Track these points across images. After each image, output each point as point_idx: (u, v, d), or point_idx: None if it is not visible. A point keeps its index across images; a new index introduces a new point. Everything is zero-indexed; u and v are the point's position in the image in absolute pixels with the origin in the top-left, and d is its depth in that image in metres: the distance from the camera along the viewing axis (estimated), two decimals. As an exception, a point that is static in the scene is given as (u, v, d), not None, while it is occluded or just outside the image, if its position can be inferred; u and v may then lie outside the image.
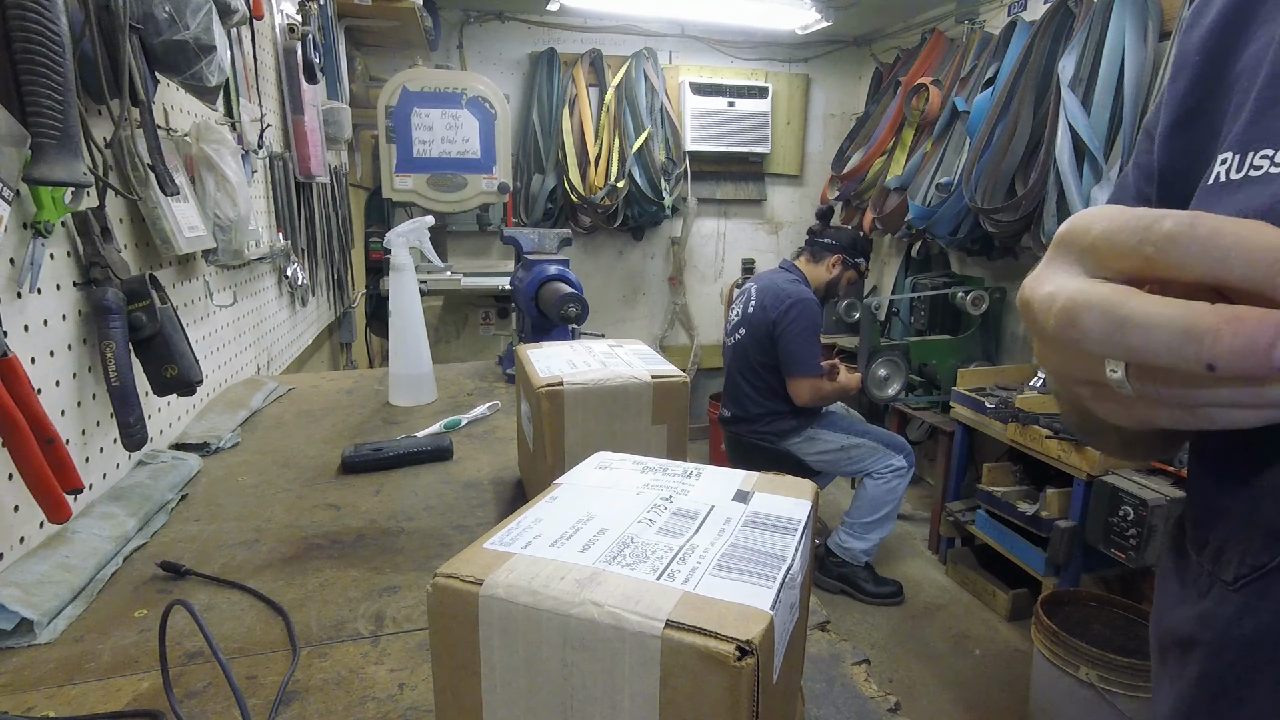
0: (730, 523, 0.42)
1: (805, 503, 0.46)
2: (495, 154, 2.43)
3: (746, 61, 4.07)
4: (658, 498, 0.46)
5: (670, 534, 0.41)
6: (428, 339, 1.33)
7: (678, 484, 0.49)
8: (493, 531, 0.41)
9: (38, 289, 0.76)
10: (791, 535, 0.41)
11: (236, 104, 1.46)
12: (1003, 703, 2.20)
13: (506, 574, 0.36)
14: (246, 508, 0.90)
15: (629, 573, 0.36)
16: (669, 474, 0.51)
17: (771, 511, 0.44)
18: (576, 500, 0.46)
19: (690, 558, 0.38)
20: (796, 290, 2.53)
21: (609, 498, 0.46)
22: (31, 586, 0.66)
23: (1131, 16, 2.27)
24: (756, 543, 0.40)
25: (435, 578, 0.37)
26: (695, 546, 0.39)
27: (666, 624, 0.32)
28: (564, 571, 0.36)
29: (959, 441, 2.82)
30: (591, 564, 0.37)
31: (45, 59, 0.64)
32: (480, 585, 0.35)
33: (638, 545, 0.39)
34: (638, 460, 0.54)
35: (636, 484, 0.49)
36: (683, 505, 0.45)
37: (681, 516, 0.43)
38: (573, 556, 0.38)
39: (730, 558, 0.38)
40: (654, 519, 0.43)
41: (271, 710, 0.54)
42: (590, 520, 0.42)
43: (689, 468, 0.52)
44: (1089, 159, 2.31)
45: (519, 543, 0.39)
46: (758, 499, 0.46)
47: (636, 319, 4.30)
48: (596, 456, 0.55)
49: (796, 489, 0.48)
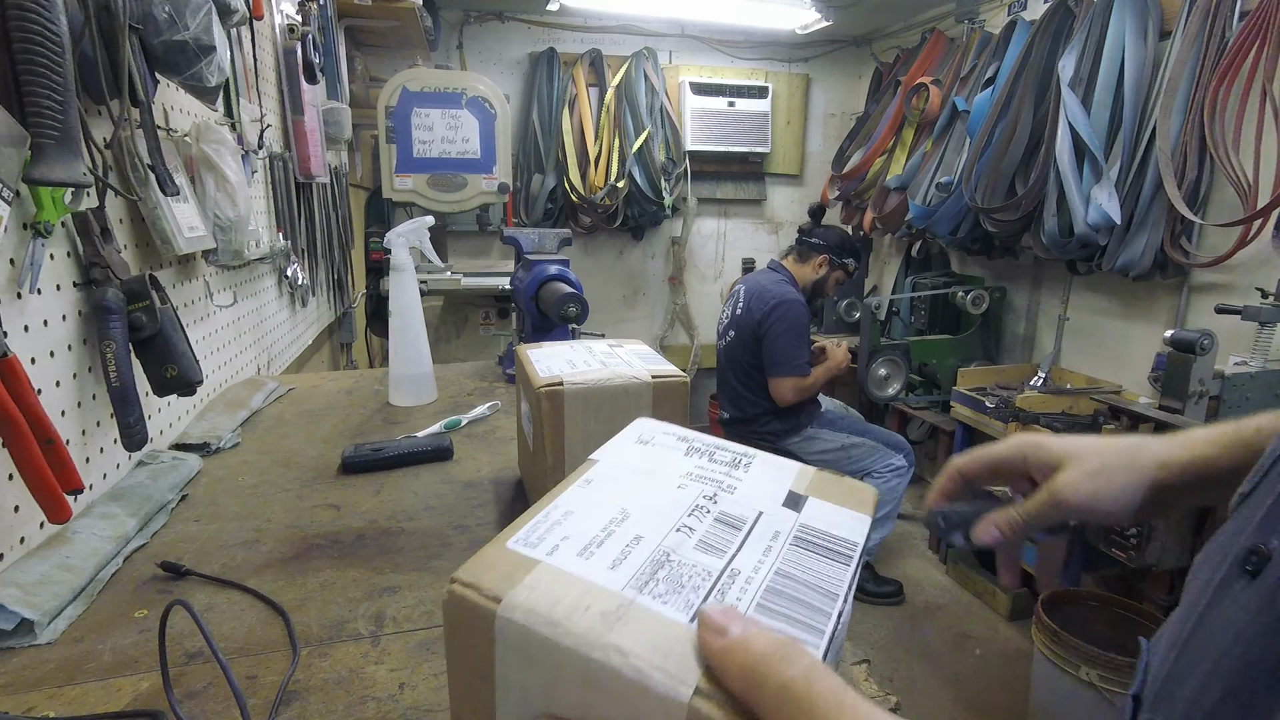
0: (778, 538, 0.38)
1: (863, 519, 0.41)
2: (495, 154, 2.43)
3: (746, 61, 4.07)
4: (701, 495, 0.42)
5: (711, 550, 0.37)
6: (428, 339, 1.32)
7: (724, 476, 0.44)
8: (518, 524, 0.38)
9: (38, 289, 0.76)
10: (846, 565, 0.37)
11: (236, 104, 1.46)
12: (1003, 702, 2.20)
13: (527, 593, 0.33)
14: (246, 508, 0.90)
15: (661, 608, 0.32)
16: (716, 460, 0.46)
17: (826, 529, 0.40)
18: (612, 489, 0.42)
19: (730, 589, 0.34)
20: (782, 291, 2.54)
21: (648, 489, 0.42)
22: (32, 587, 0.66)
23: (1131, 16, 2.27)
24: (806, 571, 0.36)
25: (453, 584, 0.35)
26: (737, 572, 0.35)
27: (695, 691, 0.29)
28: (589, 599, 0.33)
29: (959, 441, 2.82)
30: (620, 589, 0.33)
31: (45, 59, 0.64)
32: (498, 604, 0.33)
33: (674, 565, 0.35)
34: (682, 436, 0.49)
35: (679, 470, 0.45)
36: (727, 508, 0.41)
37: (725, 525, 0.39)
38: (601, 575, 0.34)
39: (775, 594, 0.34)
40: (694, 526, 0.39)
41: (271, 710, 0.54)
42: (625, 520, 0.39)
43: (738, 453, 0.47)
44: (1089, 158, 2.31)
45: (545, 544, 0.36)
46: (812, 507, 0.42)
47: (636, 319, 4.30)
48: (638, 425, 0.51)
49: (855, 497, 0.43)
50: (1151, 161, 2.17)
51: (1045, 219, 2.44)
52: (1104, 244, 2.31)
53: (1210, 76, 1.99)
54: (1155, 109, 2.16)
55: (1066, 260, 2.52)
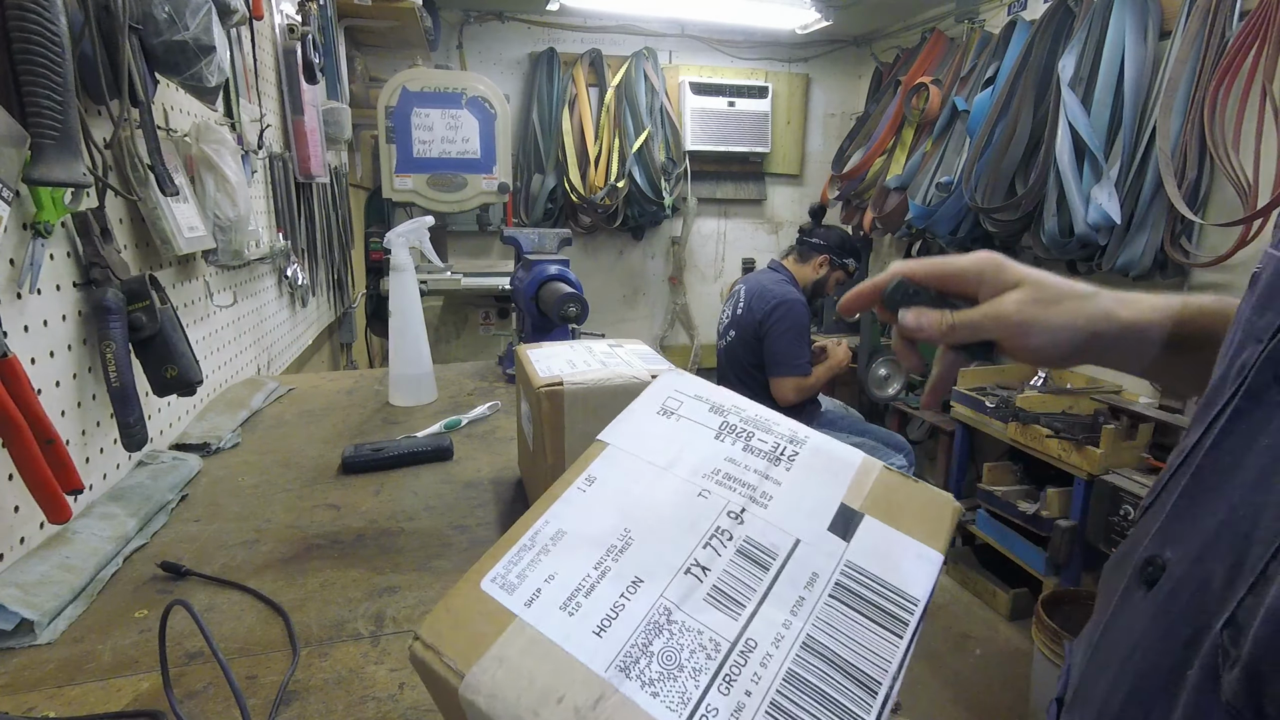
0: (815, 586, 0.30)
1: (932, 557, 0.32)
2: (495, 154, 2.43)
3: (746, 61, 4.07)
4: (725, 510, 0.34)
5: (725, 605, 0.30)
6: (428, 339, 1.32)
7: (758, 479, 0.35)
8: (501, 547, 0.33)
9: (38, 289, 0.76)
10: (899, 633, 0.29)
11: (236, 104, 1.46)
12: (1003, 702, 2.20)
13: (494, 670, 0.28)
14: (246, 508, 0.90)
15: (648, 705, 0.26)
16: (751, 450, 0.37)
17: (879, 573, 0.31)
18: (617, 494, 0.35)
19: (740, 675, 0.27)
20: (783, 291, 2.54)
21: (660, 497, 0.35)
22: (32, 587, 0.66)
23: (1131, 15, 2.27)
24: (844, 642, 0.28)
25: (415, 641, 0.30)
26: (753, 646, 0.28)
27: None
28: (564, 683, 0.27)
29: (959, 441, 2.82)
30: (604, 671, 0.27)
31: (45, 59, 0.64)
32: (460, 680, 0.28)
33: (674, 632, 0.29)
34: (715, 405, 0.40)
35: (704, 465, 0.36)
36: (755, 533, 0.33)
37: (749, 561, 0.31)
38: (583, 643, 0.28)
39: (797, 686, 0.27)
40: (709, 564, 0.31)
41: (271, 710, 0.54)
42: (625, 551, 0.32)
43: (781, 438, 0.37)
44: (1089, 158, 2.31)
45: (525, 586, 0.31)
46: (867, 533, 0.33)
47: (636, 319, 4.30)
48: (665, 384, 0.42)
49: (927, 514, 0.34)
50: (1151, 161, 2.17)
51: (1045, 219, 2.44)
52: (1104, 244, 2.31)
53: (1210, 76, 1.99)
54: (1155, 109, 2.16)
55: (1066, 260, 2.52)
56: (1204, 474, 0.36)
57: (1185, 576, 0.34)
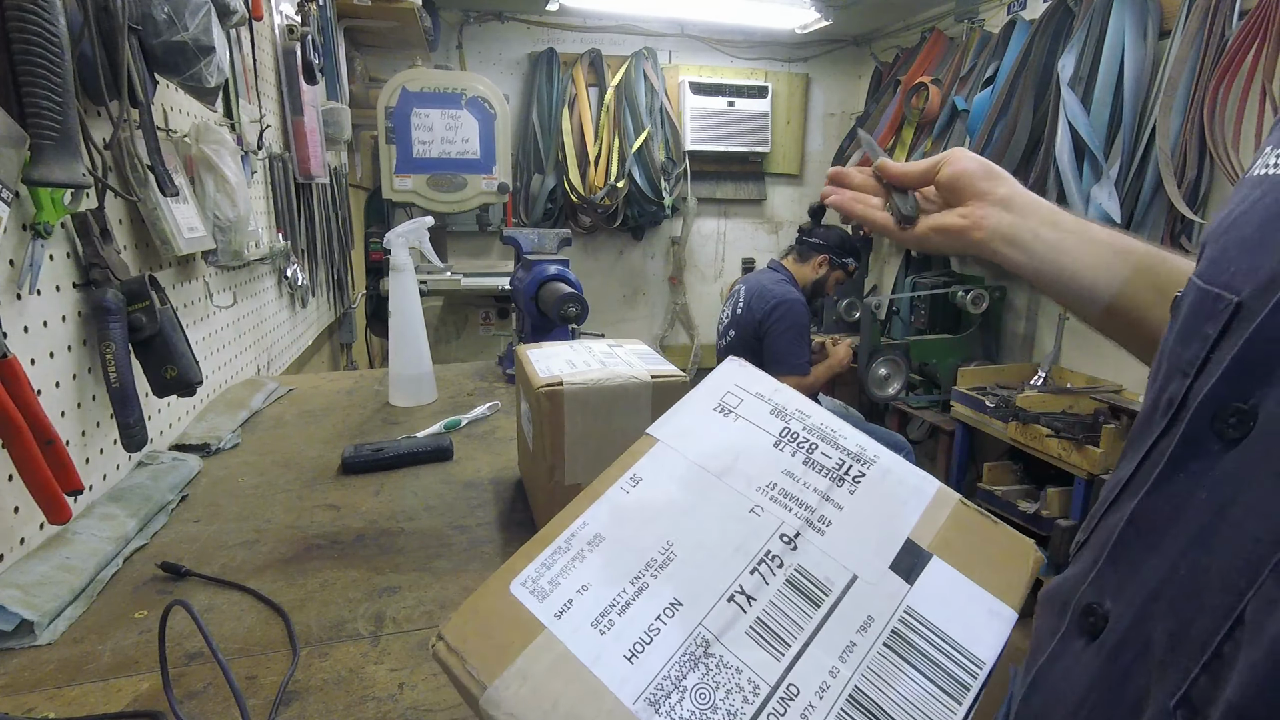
0: (869, 631, 0.27)
1: (1005, 614, 0.29)
2: (495, 154, 2.43)
3: (746, 61, 4.07)
4: (778, 532, 0.30)
5: (768, 642, 0.27)
6: (428, 339, 1.32)
7: (818, 500, 0.32)
8: (535, 546, 0.31)
9: (37, 290, 0.76)
10: (960, 697, 0.26)
11: (236, 105, 1.46)
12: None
13: (517, 685, 0.26)
14: (246, 508, 0.90)
15: None
16: (813, 466, 0.33)
17: (942, 625, 0.28)
18: (661, 503, 0.32)
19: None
20: (782, 291, 2.54)
21: (708, 510, 0.31)
22: (31, 587, 0.66)
23: (1131, 15, 2.27)
24: (896, 699, 0.25)
25: (438, 642, 0.29)
26: (795, 693, 0.25)
27: None
28: (590, 711, 0.25)
29: (959, 440, 2.82)
30: (632, 703, 0.25)
31: (44, 60, 0.64)
32: (483, 692, 0.26)
33: (711, 667, 0.26)
34: (778, 408, 0.36)
35: (759, 478, 0.33)
36: (809, 563, 0.29)
37: (799, 594, 0.28)
38: (613, 669, 0.26)
39: None
40: (756, 593, 0.28)
41: (271, 710, 0.54)
42: (665, 568, 0.29)
43: (847, 456, 0.34)
44: (1089, 157, 2.31)
45: (557, 594, 0.28)
46: (932, 577, 0.29)
47: (636, 319, 4.30)
48: (726, 375, 0.38)
49: (1003, 561, 0.30)
50: (1151, 160, 2.17)
51: (1045, 218, 2.44)
52: (1104, 243, 2.31)
53: (1210, 75, 1.99)
54: (1155, 108, 2.16)
55: (1066, 259, 2.52)
56: (1140, 523, 0.34)
57: (1129, 635, 0.33)
